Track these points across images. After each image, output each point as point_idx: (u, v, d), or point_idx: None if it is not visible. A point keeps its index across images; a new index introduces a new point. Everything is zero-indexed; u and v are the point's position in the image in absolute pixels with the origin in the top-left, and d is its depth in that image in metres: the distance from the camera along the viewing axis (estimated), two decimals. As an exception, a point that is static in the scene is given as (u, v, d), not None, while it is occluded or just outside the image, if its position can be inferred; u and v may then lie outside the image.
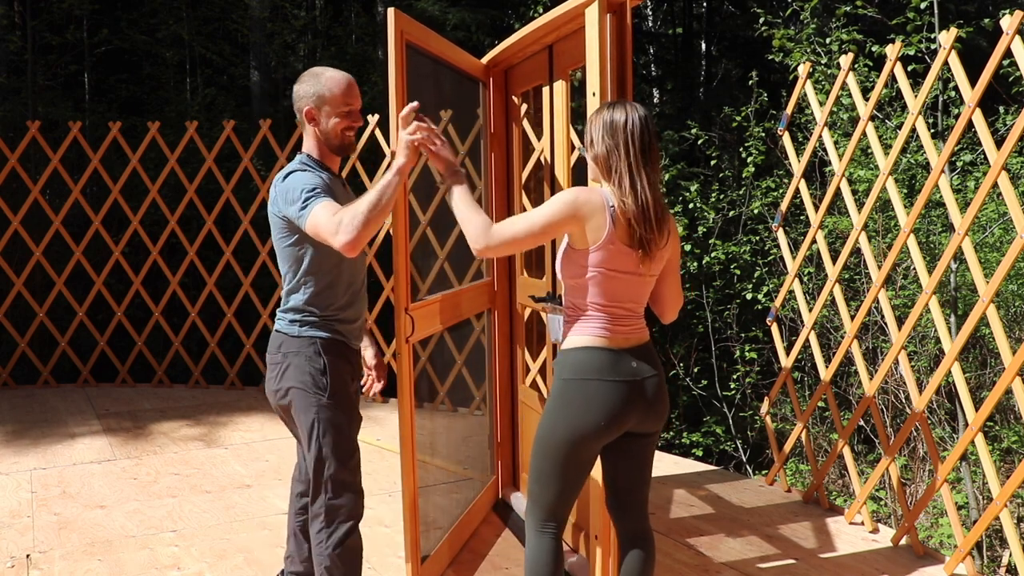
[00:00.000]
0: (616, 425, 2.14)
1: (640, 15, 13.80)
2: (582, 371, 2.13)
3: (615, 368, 2.13)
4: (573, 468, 2.17)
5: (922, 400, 3.37)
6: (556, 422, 2.15)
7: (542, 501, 2.21)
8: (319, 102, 2.39)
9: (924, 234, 6.60)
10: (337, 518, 2.40)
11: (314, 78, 2.41)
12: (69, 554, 3.41)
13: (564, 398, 2.15)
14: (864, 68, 6.87)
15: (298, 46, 12.29)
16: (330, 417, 2.37)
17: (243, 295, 6.42)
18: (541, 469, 2.19)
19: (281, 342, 2.43)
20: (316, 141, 2.44)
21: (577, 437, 2.12)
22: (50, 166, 6.29)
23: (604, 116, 2.15)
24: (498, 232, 2.13)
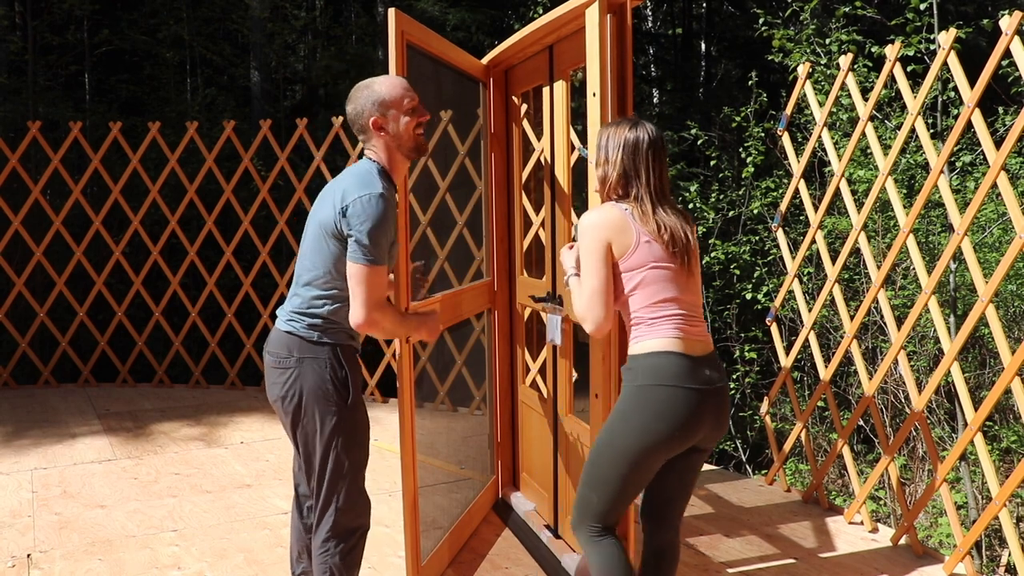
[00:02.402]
0: (690, 435, 2.10)
1: (640, 15, 13.80)
2: (660, 376, 2.07)
3: (693, 375, 2.09)
4: (636, 478, 2.12)
5: (921, 400, 3.38)
6: (628, 428, 2.08)
7: (595, 509, 2.15)
8: (382, 107, 2.29)
9: (923, 234, 6.61)
10: (348, 531, 2.35)
11: (366, 88, 2.32)
12: (70, 554, 3.42)
13: (638, 404, 2.08)
14: (864, 68, 6.88)
15: (298, 46, 12.30)
16: (350, 426, 2.30)
17: (243, 295, 6.42)
18: (601, 476, 2.13)
19: (295, 346, 2.28)
20: (387, 150, 2.33)
21: (649, 445, 2.07)
22: (51, 166, 6.30)
23: (622, 135, 2.17)
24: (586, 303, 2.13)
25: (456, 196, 4.80)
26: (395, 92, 2.31)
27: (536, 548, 3.33)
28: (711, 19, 14.81)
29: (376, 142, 2.33)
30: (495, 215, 3.61)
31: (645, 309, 2.13)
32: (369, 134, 2.32)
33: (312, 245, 2.29)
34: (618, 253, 2.12)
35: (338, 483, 2.31)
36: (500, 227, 3.61)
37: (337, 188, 2.25)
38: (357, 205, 2.17)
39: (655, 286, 2.13)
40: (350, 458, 2.31)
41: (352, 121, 2.34)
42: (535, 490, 3.55)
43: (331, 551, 2.33)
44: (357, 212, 2.17)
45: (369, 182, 2.22)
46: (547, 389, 3.43)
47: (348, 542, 2.35)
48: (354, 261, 2.17)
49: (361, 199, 2.18)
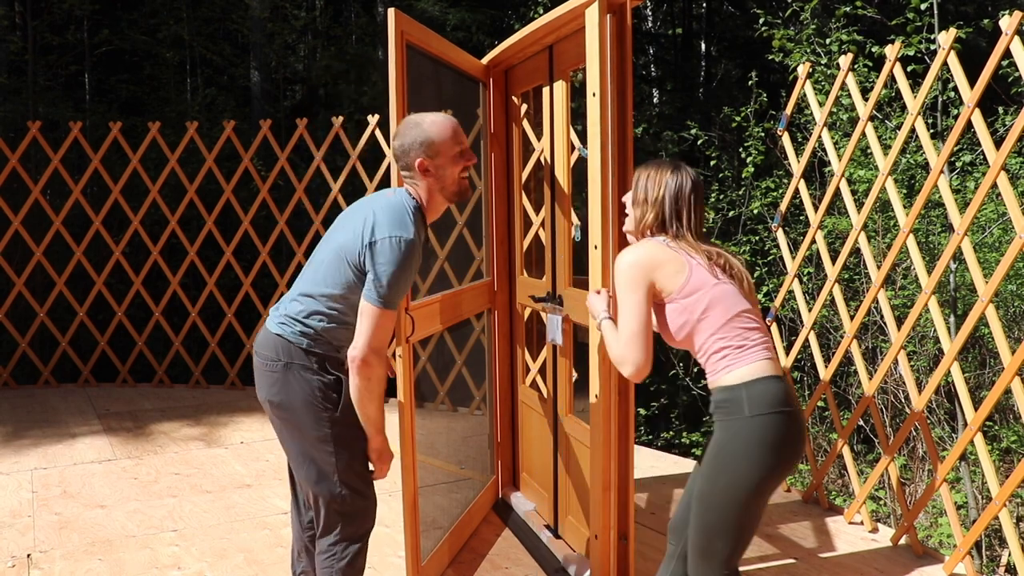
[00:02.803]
0: (799, 457, 2.05)
1: (640, 15, 13.80)
2: (769, 404, 1.97)
3: (792, 397, 2.02)
4: (758, 512, 2.03)
5: (921, 400, 3.38)
6: (749, 464, 1.96)
7: (723, 556, 2.03)
8: (430, 150, 2.25)
9: (923, 234, 6.61)
10: (352, 537, 2.32)
11: (415, 127, 2.27)
12: (70, 554, 3.42)
13: (753, 436, 1.96)
14: (864, 68, 6.88)
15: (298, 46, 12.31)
16: (344, 432, 2.26)
17: (243, 295, 6.42)
18: (726, 521, 2.00)
19: (284, 349, 2.24)
20: (429, 191, 2.30)
21: (771, 476, 1.98)
22: (51, 166, 6.30)
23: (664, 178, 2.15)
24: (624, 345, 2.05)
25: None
26: (444, 135, 2.26)
27: (536, 548, 3.33)
28: (711, 19, 14.81)
29: (419, 181, 2.29)
30: (495, 215, 3.61)
31: (724, 329, 2.03)
32: (413, 173, 2.28)
33: (329, 263, 2.23)
34: (671, 285, 2.04)
35: (346, 488, 2.28)
36: (500, 227, 3.62)
37: (368, 216, 2.18)
38: (385, 245, 2.13)
39: (726, 303, 2.04)
40: (349, 465, 2.28)
41: (397, 156, 2.30)
42: (535, 490, 3.55)
43: (337, 555, 2.30)
44: (384, 253, 2.13)
45: (402, 223, 2.16)
46: (547, 389, 3.43)
47: (353, 548, 2.32)
48: (368, 300, 2.14)
49: (391, 240, 2.13)
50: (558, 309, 3.14)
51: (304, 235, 6.33)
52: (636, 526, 2.42)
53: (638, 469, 4.04)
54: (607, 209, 2.63)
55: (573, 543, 3.19)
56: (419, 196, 2.30)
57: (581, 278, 2.88)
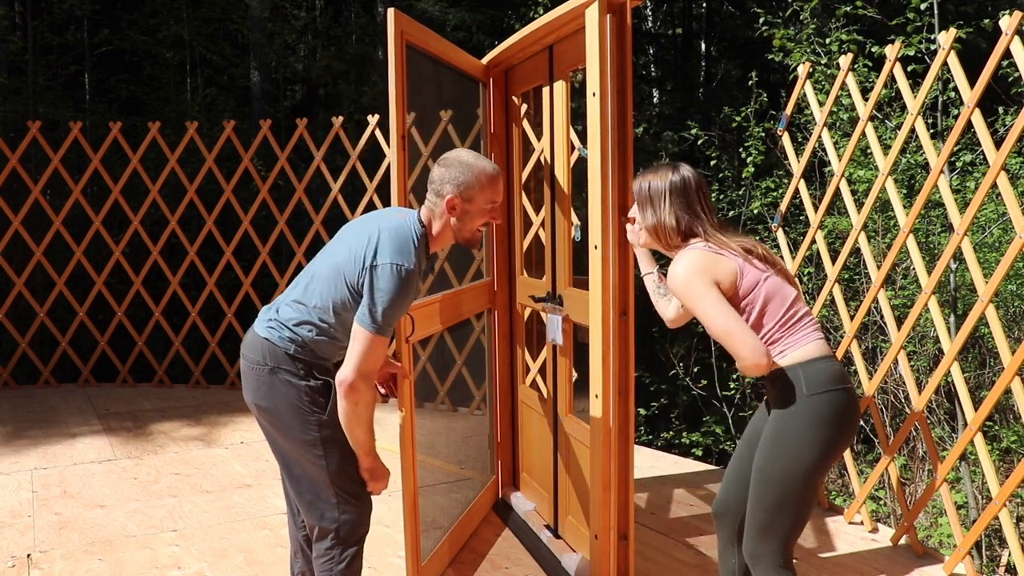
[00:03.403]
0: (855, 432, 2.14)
1: (640, 15, 13.80)
2: (826, 382, 2.05)
3: (845, 376, 2.10)
4: (817, 488, 2.13)
5: (921, 400, 3.38)
6: (811, 442, 2.04)
7: (784, 533, 2.10)
8: (467, 194, 2.24)
9: (923, 234, 6.61)
10: (348, 541, 2.30)
11: (463, 166, 2.26)
12: (70, 554, 3.42)
13: (813, 414, 2.04)
14: (864, 68, 6.88)
15: (298, 46, 12.31)
16: (333, 435, 2.23)
17: (243, 295, 6.42)
18: (788, 498, 2.07)
19: (271, 353, 2.22)
20: (444, 228, 2.28)
21: (833, 451, 2.07)
22: (51, 166, 6.30)
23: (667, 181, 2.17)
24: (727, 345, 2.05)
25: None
26: (484, 184, 2.26)
27: (536, 548, 3.33)
28: (711, 19, 14.81)
29: (439, 213, 2.27)
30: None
31: (783, 319, 2.10)
32: (439, 203, 2.26)
33: (327, 277, 2.20)
34: (729, 285, 2.08)
35: (333, 495, 2.27)
36: (500, 227, 3.62)
37: (372, 236, 2.15)
38: (386, 271, 2.10)
39: (781, 294, 2.11)
40: (341, 468, 2.26)
41: (432, 180, 2.28)
42: (535, 490, 3.55)
43: (335, 559, 2.29)
44: (383, 278, 2.10)
45: (405, 250, 2.14)
46: (547, 389, 3.43)
47: (350, 551, 2.31)
48: (362, 325, 2.11)
49: (392, 267, 2.10)
50: (558, 309, 3.14)
51: (304, 235, 6.33)
52: (636, 526, 2.42)
53: (638, 469, 4.04)
54: (607, 209, 2.63)
55: (573, 543, 3.19)
56: (430, 224, 2.29)
57: (581, 278, 2.88)
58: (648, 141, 11.00)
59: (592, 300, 2.68)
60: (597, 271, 2.64)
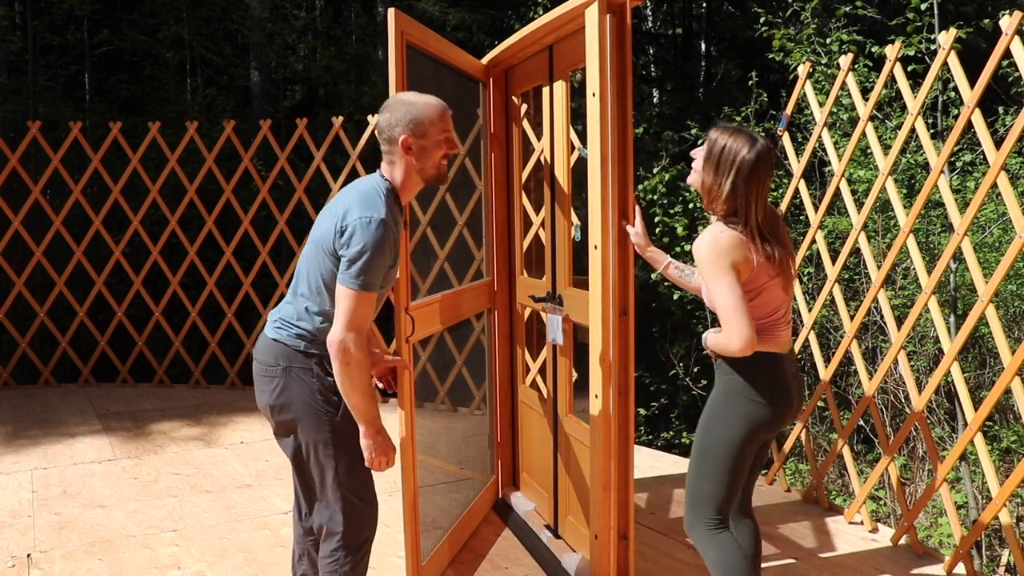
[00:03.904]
0: (782, 422, 2.30)
1: (640, 15, 13.80)
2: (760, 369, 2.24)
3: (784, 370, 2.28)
4: (746, 461, 2.31)
5: (921, 400, 3.38)
6: (739, 418, 2.25)
7: (717, 500, 2.30)
8: (416, 130, 2.22)
9: (923, 234, 6.61)
10: (355, 544, 2.29)
11: (406, 105, 2.23)
12: (70, 554, 3.42)
13: (745, 393, 2.24)
14: (864, 68, 6.88)
15: (298, 46, 12.31)
16: (344, 435, 2.22)
17: (243, 295, 6.42)
18: (718, 467, 2.28)
19: (282, 355, 2.23)
20: (406, 173, 2.26)
21: (761, 429, 2.26)
22: (51, 166, 6.30)
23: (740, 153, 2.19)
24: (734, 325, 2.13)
25: (456, 196, 4.80)
26: (433, 117, 2.24)
27: (536, 548, 3.33)
28: (711, 19, 14.81)
29: (398, 160, 2.26)
30: (495, 215, 3.61)
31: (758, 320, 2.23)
32: (394, 150, 2.25)
33: (311, 258, 2.22)
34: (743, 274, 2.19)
35: (340, 496, 2.25)
36: (500, 227, 3.62)
37: (340, 205, 2.18)
38: (357, 227, 2.10)
39: (771, 301, 2.25)
40: (350, 470, 2.25)
41: (381, 130, 2.26)
42: (535, 490, 3.55)
43: (340, 561, 2.28)
44: (355, 235, 2.10)
45: (373, 204, 2.14)
46: (547, 389, 3.43)
47: (356, 554, 2.30)
48: (344, 284, 2.11)
49: (361, 221, 2.11)
50: (558, 309, 3.14)
51: (304, 235, 6.31)
52: (636, 526, 2.42)
53: (638, 469, 4.04)
54: (607, 209, 2.63)
55: (573, 543, 3.19)
56: (394, 177, 2.27)
57: (581, 278, 2.88)
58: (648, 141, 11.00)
59: (592, 300, 2.68)
60: (597, 271, 2.64)
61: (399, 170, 2.27)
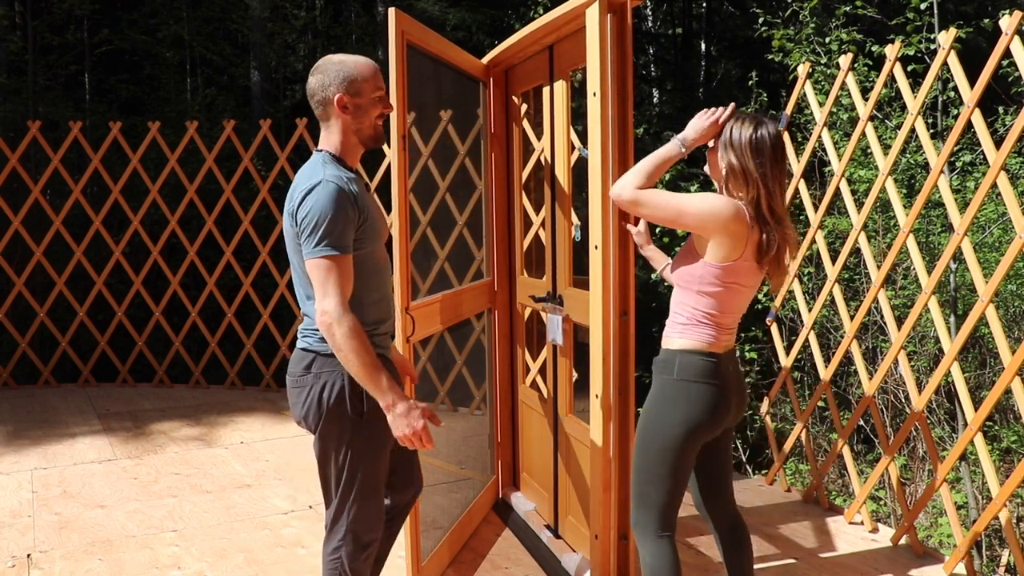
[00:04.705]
0: (718, 424, 2.25)
1: (640, 15, 13.80)
2: (696, 374, 2.20)
3: (720, 374, 2.23)
4: (686, 463, 2.25)
5: (921, 400, 3.38)
6: (673, 421, 2.21)
7: (659, 506, 2.25)
8: (351, 88, 2.17)
9: (923, 234, 6.61)
10: (359, 544, 2.26)
11: (337, 64, 2.19)
12: (70, 554, 3.42)
13: (679, 396, 2.21)
14: (864, 68, 6.88)
15: (298, 46, 12.30)
16: (364, 440, 2.19)
17: (243, 295, 6.42)
18: (657, 468, 2.23)
19: (311, 360, 2.19)
20: (344, 134, 2.22)
21: (696, 432, 2.21)
22: (51, 166, 6.30)
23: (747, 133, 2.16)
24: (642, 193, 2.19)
25: (456, 196, 4.80)
26: (366, 75, 2.19)
27: (536, 548, 3.33)
28: (711, 19, 14.81)
29: (334, 122, 2.21)
30: (495, 215, 3.61)
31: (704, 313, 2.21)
32: (329, 111, 2.20)
33: (294, 260, 2.19)
34: (719, 256, 2.15)
35: (351, 497, 2.22)
36: (500, 227, 3.62)
37: (290, 195, 2.15)
38: (303, 201, 2.07)
39: (727, 300, 2.21)
40: (363, 473, 2.21)
41: (313, 93, 2.20)
42: (535, 490, 3.55)
43: (342, 558, 2.26)
44: (304, 208, 2.06)
45: (313, 173, 2.11)
46: (547, 389, 3.43)
47: (360, 554, 2.27)
48: (308, 257, 2.04)
49: (305, 193, 2.07)
50: (558, 309, 3.14)
51: (304, 235, 6.32)
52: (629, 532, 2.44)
53: (638, 469, 4.04)
54: (607, 209, 2.63)
55: (573, 543, 3.19)
56: (332, 144, 2.22)
57: (581, 278, 2.88)
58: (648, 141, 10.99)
59: (592, 300, 2.68)
60: (597, 271, 2.64)
61: (335, 133, 2.23)
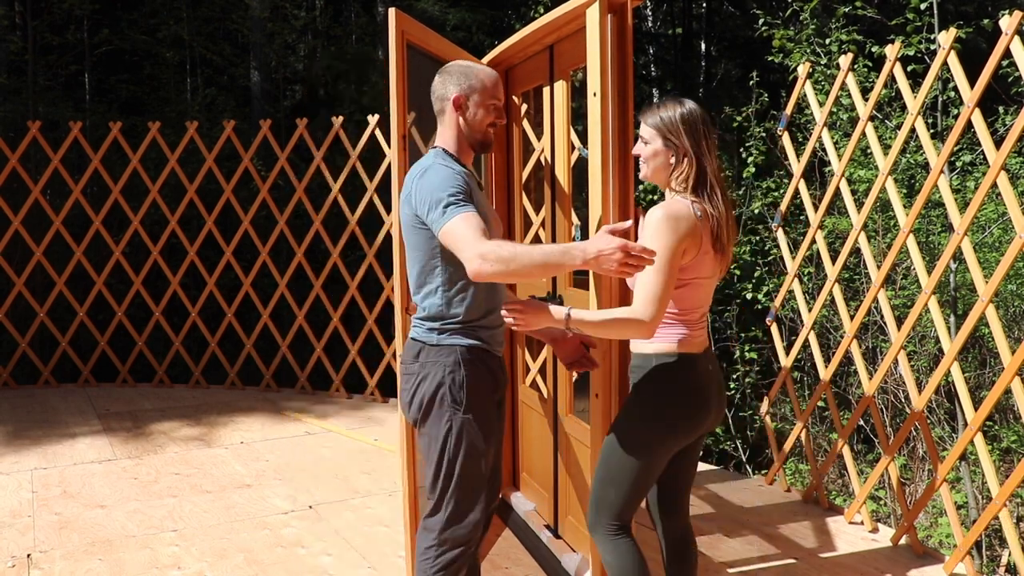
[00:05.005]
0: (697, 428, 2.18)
1: (640, 15, 13.80)
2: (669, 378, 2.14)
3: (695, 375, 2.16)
4: (653, 470, 2.19)
5: (921, 400, 3.38)
6: (646, 427, 2.15)
7: (617, 507, 2.19)
8: (470, 91, 2.27)
9: (923, 234, 6.61)
10: (452, 543, 2.24)
11: (464, 68, 2.30)
12: (70, 554, 3.42)
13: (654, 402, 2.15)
14: (864, 68, 6.88)
15: (298, 46, 12.30)
16: (465, 433, 2.18)
17: (243, 295, 6.42)
18: (620, 474, 2.17)
19: (419, 350, 2.23)
20: (457, 133, 2.29)
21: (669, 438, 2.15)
22: (51, 166, 6.30)
23: (679, 111, 2.14)
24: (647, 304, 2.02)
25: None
26: (486, 82, 2.28)
27: (536, 548, 3.33)
28: (711, 19, 14.81)
29: (448, 120, 2.29)
30: (495, 215, 3.60)
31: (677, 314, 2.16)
32: (445, 111, 2.29)
33: (408, 250, 2.26)
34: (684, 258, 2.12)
35: (448, 492, 2.21)
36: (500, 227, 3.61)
37: (404, 188, 2.24)
38: (416, 183, 2.15)
39: (691, 295, 2.16)
40: (462, 467, 2.20)
41: (434, 90, 2.31)
42: (535, 490, 3.55)
43: (431, 560, 2.24)
44: (419, 188, 2.14)
45: (421, 163, 2.21)
46: (547, 389, 3.43)
47: (449, 554, 2.24)
48: (440, 227, 2.06)
49: (416, 178, 2.17)
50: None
51: (304, 235, 6.33)
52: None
53: (638, 469, 4.04)
54: (607, 209, 2.63)
55: (573, 543, 3.19)
56: (444, 142, 2.30)
57: (581, 278, 2.88)
58: (648, 141, 10.99)
59: (592, 300, 2.68)
60: (597, 271, 2.63)
61: (449, 130, 2.30)
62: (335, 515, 3.82)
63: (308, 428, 5.33)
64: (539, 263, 1.98)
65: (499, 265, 1.95)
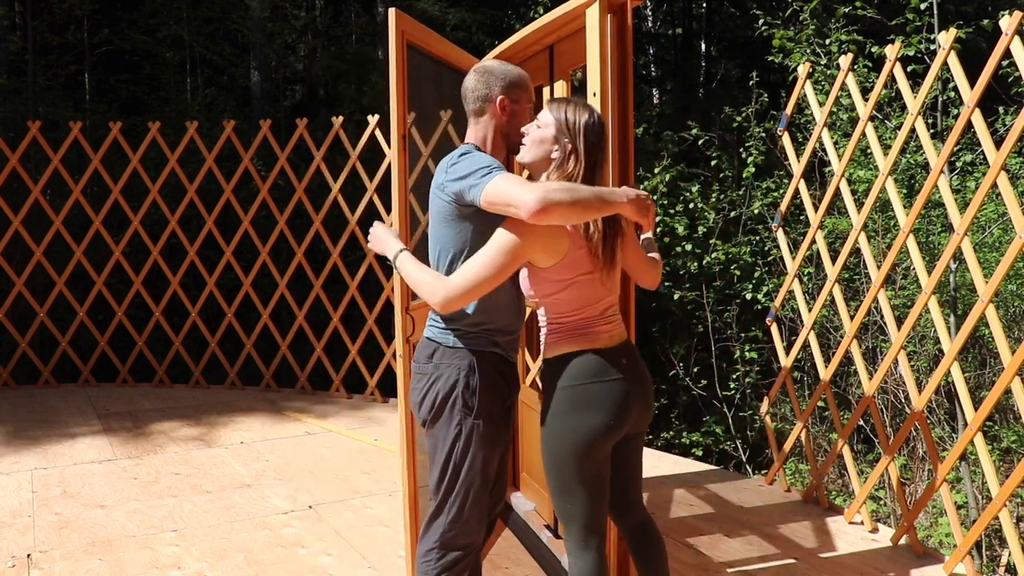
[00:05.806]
0: (622, 423, 2.11)
1: (640, 15, 13.80)
2: (580, 375, 2.08)
3: (608, 368, 2.09)
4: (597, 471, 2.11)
5: (921, 400, 3.38)
6: (569, 430, 2.08)
7: (581, 519, 2.12)
8: (512, 94, 2.22)
9: (923, 234, 6.61)
10: (454, 546, 2.21)
11: (502, 67, 2.24)
12: (70, 554, 3.42)
13: (569, 403, 2.08)
14: (864, 69, 6.88)
15: (298, 46, 12.30)
16: (474, 439, 2.15)
17: (243, 295, 6.42)
18: (566, 483, 2.10)
19: (434, 350, 2.19)
20: (494, 133, 2.24)
21: (595, 437, 2.07)
22: (51, 166, 6.30)
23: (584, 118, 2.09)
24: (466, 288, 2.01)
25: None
26: (526, 86, 2.26)
27: (536, 548, 3.33)
28: (711, 19, 14.81)
29: (487, 120, 2.24)
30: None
31: (569, 312, 2.11)
32: (485, 108, 2.23)
33: (432, 243, 2.20)
34: (545, 263, 2.06)
35: (453, 495, 2.18)
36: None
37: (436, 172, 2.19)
38: (451, 168, 2.11)
39: (579, 293, 2.09)
40: (468, 471, 2.17)
41: (474, 88, 2.24)
42: (535, 490, 3.55)
43: (433, 562, 2.21)
44: (455, 169, 2.09)
45: (454, 152, 2.16)
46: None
47: (451, 557, 2.22)
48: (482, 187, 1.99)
49: (450, 164, 2.12)
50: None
51: (304, 235, 6.33)
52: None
53: (638, 469, 4.04)
54: (607, 209, 2.63)
55: (573, 543, 3.19)
56: (478, 139, 2.25)
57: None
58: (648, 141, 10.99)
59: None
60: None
61: (485, 129, 2.25)
62: (335, 515, 3.82)
63: (308, 428, 5.33)
64: (597, 195, 1.97)
65: (565, 195, 1.89)
